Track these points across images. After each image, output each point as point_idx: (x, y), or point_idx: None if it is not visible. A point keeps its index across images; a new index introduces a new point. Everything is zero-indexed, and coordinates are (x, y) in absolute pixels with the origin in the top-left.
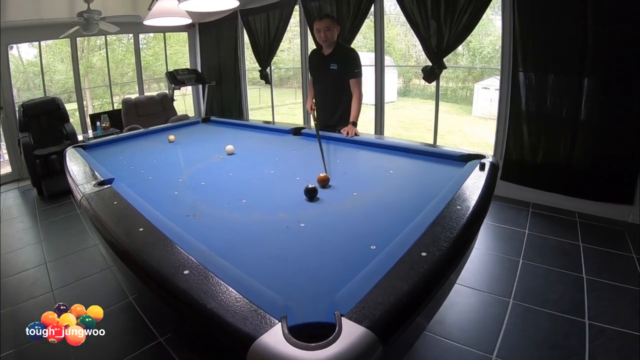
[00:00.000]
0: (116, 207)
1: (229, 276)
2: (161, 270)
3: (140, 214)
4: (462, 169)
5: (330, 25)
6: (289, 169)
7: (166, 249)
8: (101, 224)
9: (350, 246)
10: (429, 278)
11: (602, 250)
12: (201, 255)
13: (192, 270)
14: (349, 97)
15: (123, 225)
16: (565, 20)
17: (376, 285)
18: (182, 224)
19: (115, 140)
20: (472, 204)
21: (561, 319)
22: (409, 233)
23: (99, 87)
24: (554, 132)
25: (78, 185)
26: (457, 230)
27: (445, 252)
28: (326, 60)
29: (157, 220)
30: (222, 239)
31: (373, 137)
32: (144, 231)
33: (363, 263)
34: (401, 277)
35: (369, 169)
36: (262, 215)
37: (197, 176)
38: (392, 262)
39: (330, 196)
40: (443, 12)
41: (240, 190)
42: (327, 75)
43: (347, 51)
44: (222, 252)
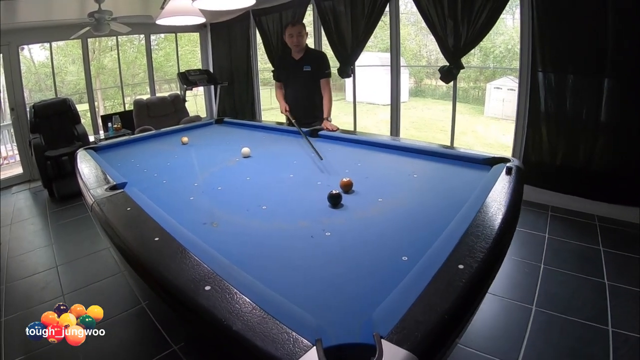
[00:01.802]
0: (129, 213)
1: (254, 292)
2: (180, 286)
3: (155, 221)
4: (488, 173)
5: (302, 31)
6: (308, 173)
7: (184, 262)
8: (114, 232)
9: (380, 258)
10: (468, 293)
11: (623, 255)
12: (222, 268)
13: (214, 286)
14: (320, 96)
15: (137, 234)
16: (585, 19)
17: (414, 303)
18: (200, 233)
19: (127, 141)
20: (504, 210)
21: (585, 327)
22: (441, 243)
23: (111, 88)
24: (574, 134)
25: (89, 190)
26: (492, 239)
27: (482, 264)
28: (298, 63)
29: (173, 229)
30: (243, 250)
31: (392, 139)
32: (159, 241)
33: (395, 276)
34: (440, 293)
35: (391, 173)
36: (284, 223)
37: (212, 180)
38: (428, 276)
39: (355, 202)
40: (460, 11)
41: (259, 196)
42: (299, 77)
43: (319, 54)
44: (244, 265)
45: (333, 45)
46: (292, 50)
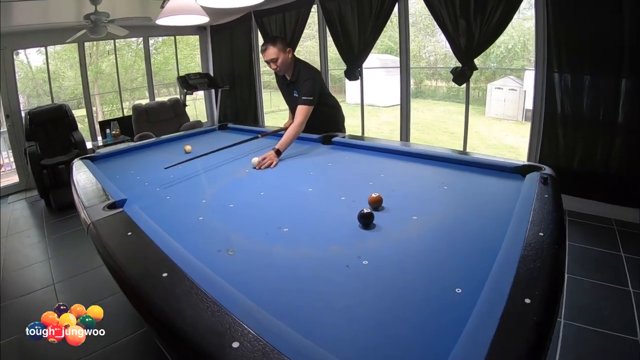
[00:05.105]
0: (131, 240)
1: (292, 347)
2: (201, 342)
3: (162, 251)
4: (524, 184)
5: (274, 56)
6: (329, 186)
7: (201, 306)
8: (114, 263)
9: (430, 290)
10: (541, 332)
11: None
12: (247, 314)
13: (243, 342)
14: (327, 108)
15: (141, 267)
16: (600, 18)
17: (489, 352)
18: (214, 263)
19: (126, 150)
20: (553, 227)
21: (614, 339)
22: (497, 271)
23: (109, 93)
24: (591, 136)
25: (86, 208)
26: (551, 263)
27: (548, 295)
28: (290, 86)
29: (183, 260)
30: (268, 285)
31: (412, 145)
32: (168, 277)
33: (452, 315)
34: (513, 336)
35: (419, 184)
36: (311, 249)
37: (222, 196)
38: (494, 314)
39: (387, 221)
40: (472, 11)
41: (277, 215)
42: (293, 100)
43: (306, 76)
44: (272, 306)
45: (339, 46)
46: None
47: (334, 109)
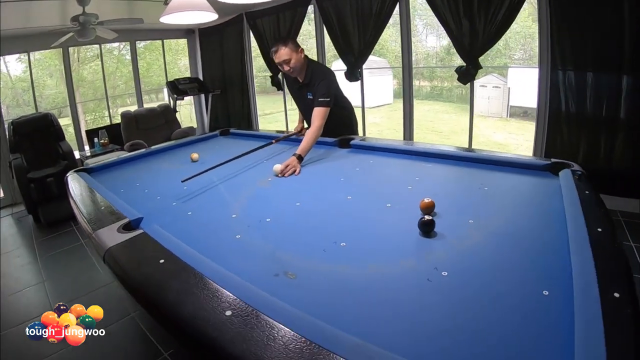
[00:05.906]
0: (166, 269)
1: None
2: None
3: (213, 282)
4: (560, 181)
5: (286, 57)
6: (367, 193)
7: (289, 352)
8: (153, 306)
9: (519, 296)
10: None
11: None
12: (346, 349)
13: None
14: (342, 110)
15: (194, 307)
16: (602, 16)
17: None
18: (278, 292)
19: (124, 160)
20: (606, 221)
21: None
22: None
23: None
24: (594, 132)
25: (95, 232)
26: (620, 255)
27: (631, 286)
28: (302, 88)
29: (244, 292)
30: (347, 312)
31: (437, 146)
32: (233, 317)
33: (549, 319)
34: (618, 330)
35: (457, 186)
36: (381, 264)
37: (253, 209)
38: (596, 313)
39: (445, 227)
40: (476, 10)
41: (327, 229)
42: (307, 105)
43: (321, 76)
44: (375, 340)
45: (338, 48)
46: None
47: (348, 111)
